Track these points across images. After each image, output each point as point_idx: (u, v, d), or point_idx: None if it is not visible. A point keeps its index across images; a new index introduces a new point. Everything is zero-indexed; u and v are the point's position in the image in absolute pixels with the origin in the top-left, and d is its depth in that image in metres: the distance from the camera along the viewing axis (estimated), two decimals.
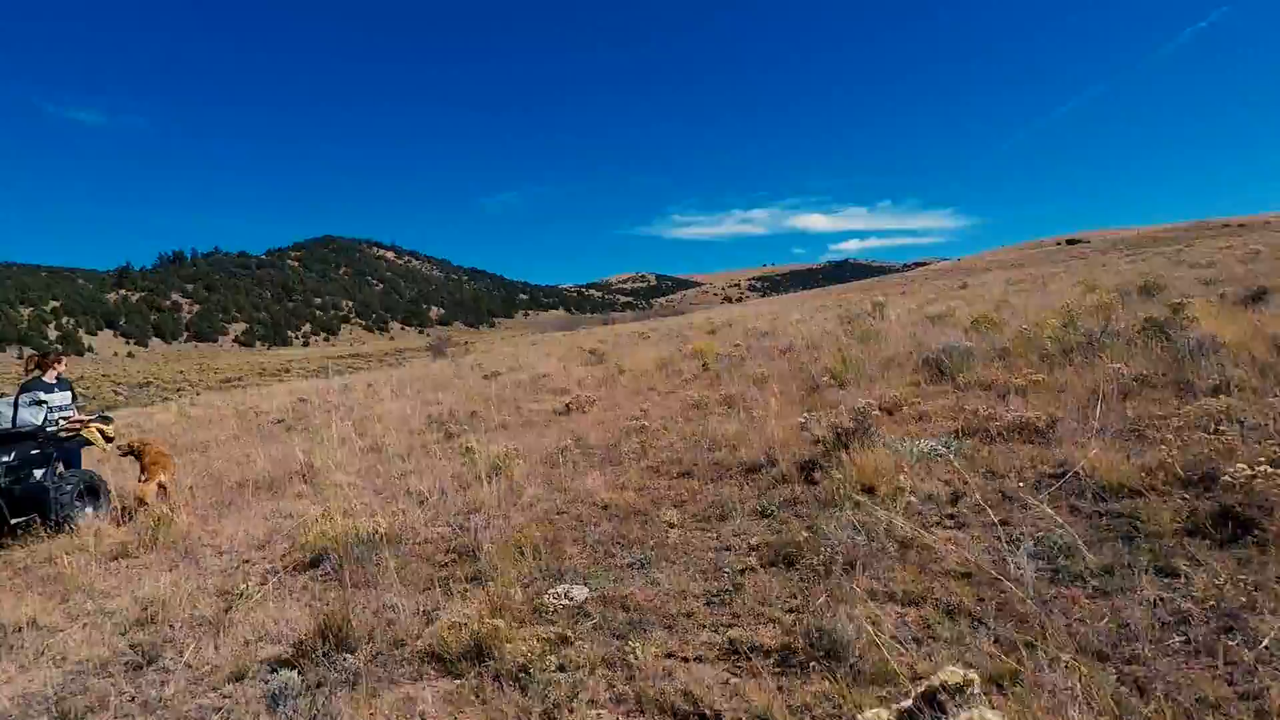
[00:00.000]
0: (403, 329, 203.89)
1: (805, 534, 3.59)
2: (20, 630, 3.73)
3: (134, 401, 40.44)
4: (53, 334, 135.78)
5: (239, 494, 6.65)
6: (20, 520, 5.49)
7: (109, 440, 6.35)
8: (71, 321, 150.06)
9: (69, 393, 6.70)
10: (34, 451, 5.76)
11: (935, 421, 5.89)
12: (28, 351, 6.71)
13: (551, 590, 3.24)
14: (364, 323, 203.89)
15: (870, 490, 4.12)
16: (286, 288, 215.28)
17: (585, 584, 3.36)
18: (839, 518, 3.64)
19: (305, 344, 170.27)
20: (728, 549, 3.72)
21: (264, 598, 3.67)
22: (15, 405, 5.94)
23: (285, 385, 31.60)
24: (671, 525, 4.17)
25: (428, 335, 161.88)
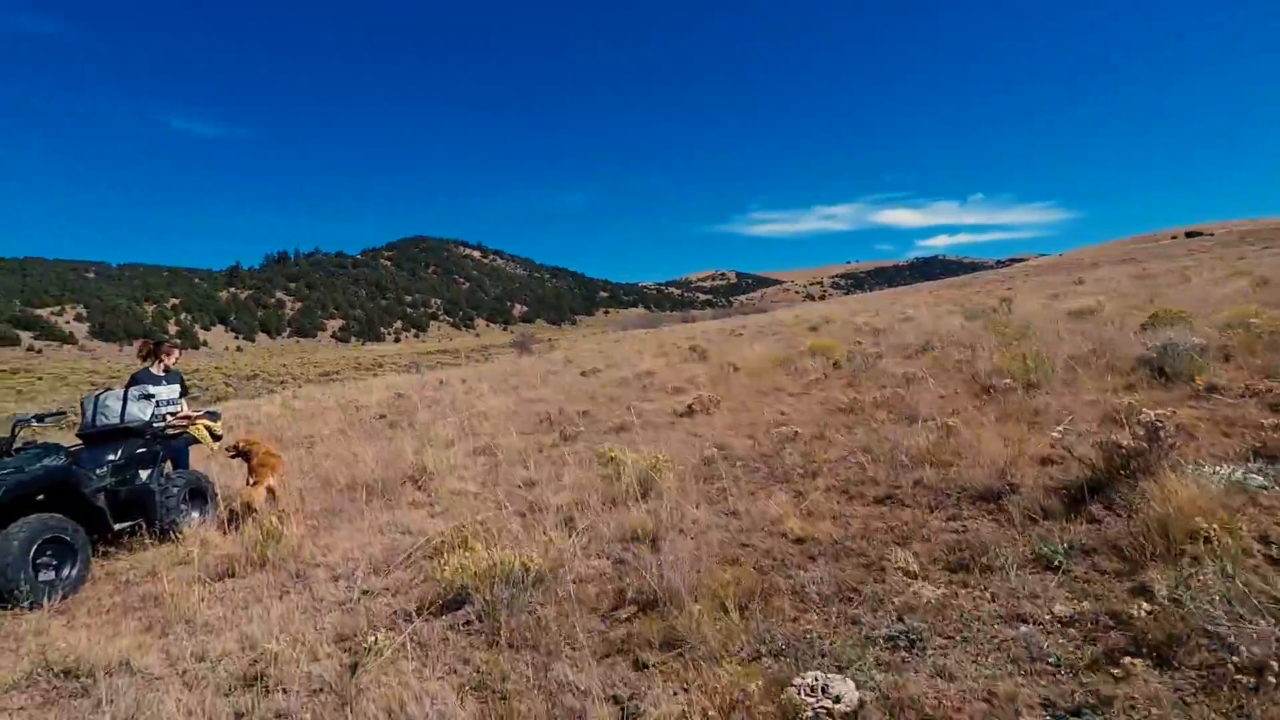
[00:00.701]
0: (488, 326, 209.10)
1: (1145, 605, 2.47)
2: (111, 674, 3.05)
3: (241, 393, 42.32)
4: (172, 329, 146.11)
5: (349, 499, 6.00)
6: (125, 526, 4.99)
7: (217, 439, 5.83)
8: (189, 317, 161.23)
9: (178, 386, 6.25)
10: (140, 450, 5.28)
11: (1204, 438, 4.58)
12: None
13: (800, 681, 2.24)
14: (451, 320, 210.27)
15: (1195, 537, 2.94)
16: (380, 286, 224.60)
17: (842, 671, 2.35)
18: (1192, 580, 2.51)
19: (396, 340, 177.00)
20: (1021, 618, 2.63)
21: (396, 655, 2.85)
22: (125, 399, 5.48)
23: (380, 380, 32.12)
24: (912, 575, 3.11)
25: (511, 332, 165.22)
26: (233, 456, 5.98)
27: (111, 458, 5.08)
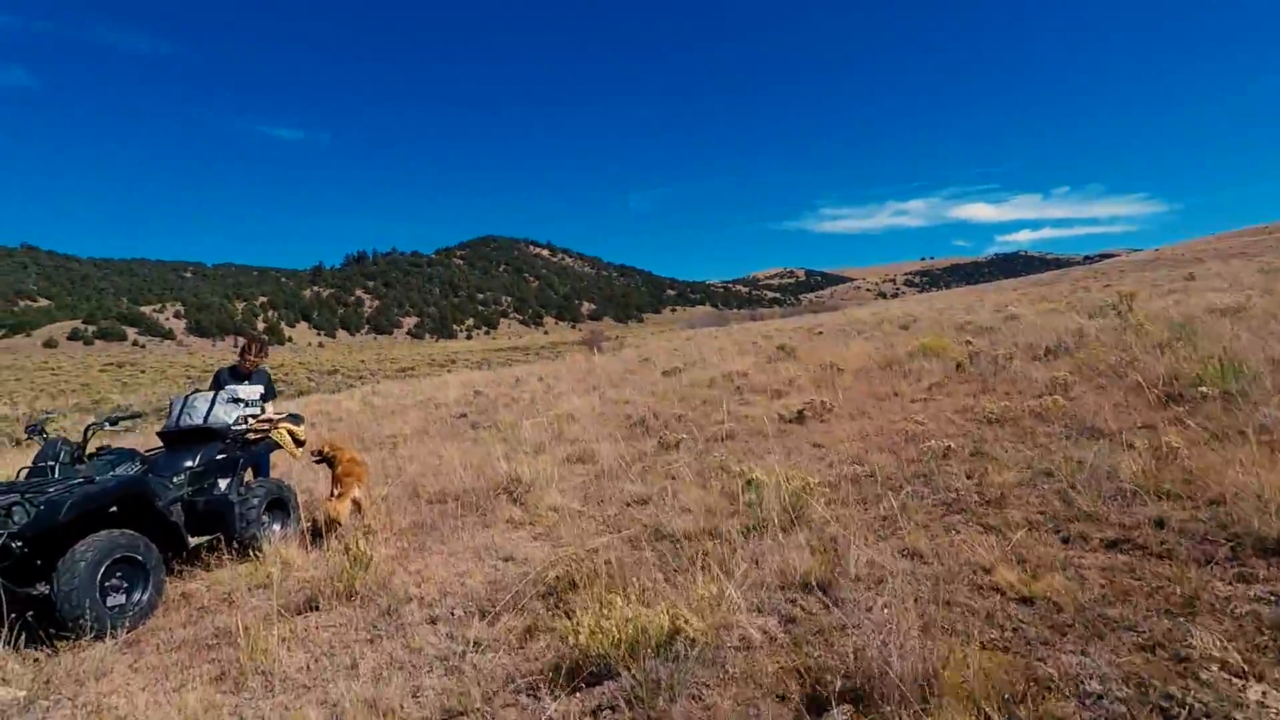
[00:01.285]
0: (556, 323, 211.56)
1: None
2: None
3: (322, 388, 43.52)
4: (260, 325, 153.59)
5: (439, 513, 5.40)
6: (201, 541, 4.51)
7: (300, 444, 5.33)
8: (275, 314, 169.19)
9: (261, 387, 5.81)
10: (220, 456, 4.81)
11: None
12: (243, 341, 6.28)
13: None
14: (521, 317, 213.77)
15: None
16: (452, 284, 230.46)
17: None
18: None
19: (468, 337, 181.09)
20: None
21: None
22: (213, 401, 5.04)
23: (457, 376, 32.26)
24: (1236, 671, 2.18)
25: (579, 330, 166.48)
26: (316, 462, 5.48)
27: (189, 464, 4.61)
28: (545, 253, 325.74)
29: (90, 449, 4.31)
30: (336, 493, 4.91)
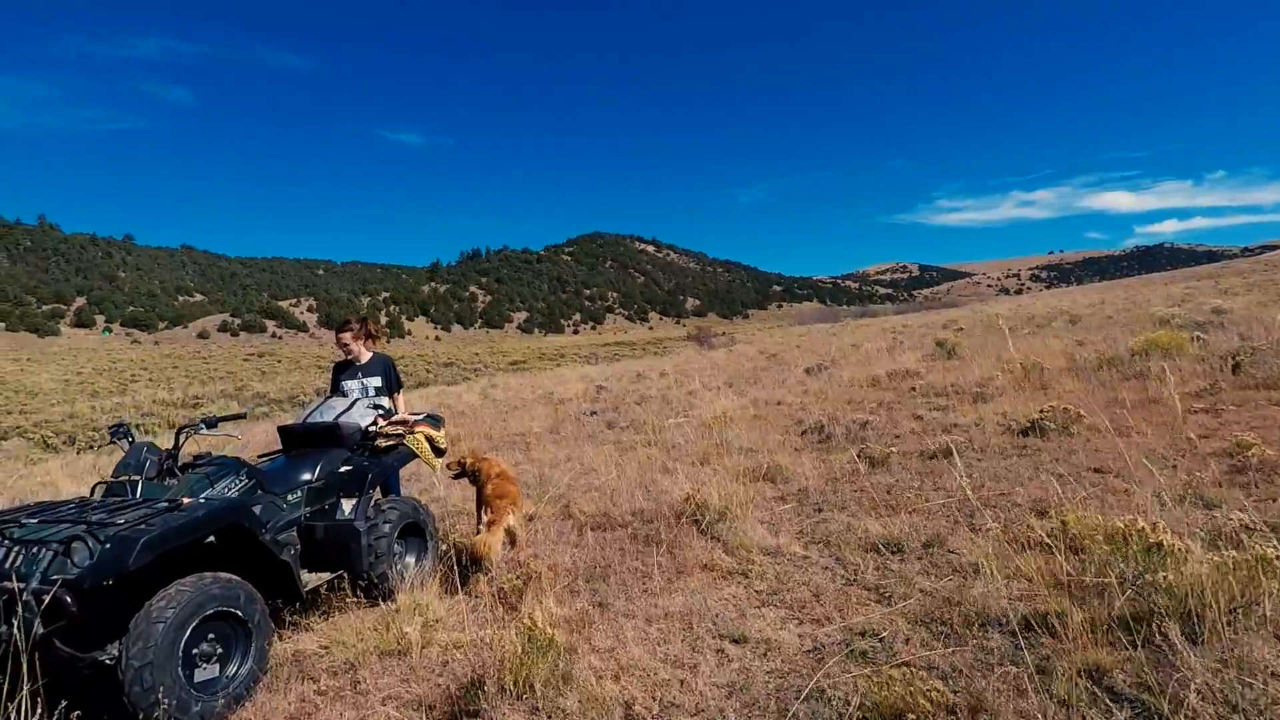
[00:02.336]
0: (660, 319, 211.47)
1: None
2: None
3: (440, 380, 44.43)
4: (383, 319, 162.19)
5: (609, 547, 4.15)
6: (318, 582, 3.44)
7: (439, 453, 4.22)
8: (396, 309, 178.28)
9: (379, 377, 4.73)
10: (345, 468, 3.76)
11: None
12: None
13: None
14: (626, 313, 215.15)
15: None
16: (561, 280, 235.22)
17: None
18: None
19: (575, 332, 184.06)
20: None
21: None
22: (352, 405, 3.99)
23: (571, 370, 31.71)
24: None
25: (684, 325, 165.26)
26: (455, 477, 4.36)
27: (308, 477, 3.56)
28: (650, 248, 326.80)
29: (185, 455, 3.35)
30: (486, 520, 3.73)
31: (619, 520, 4.64)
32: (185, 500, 2.74)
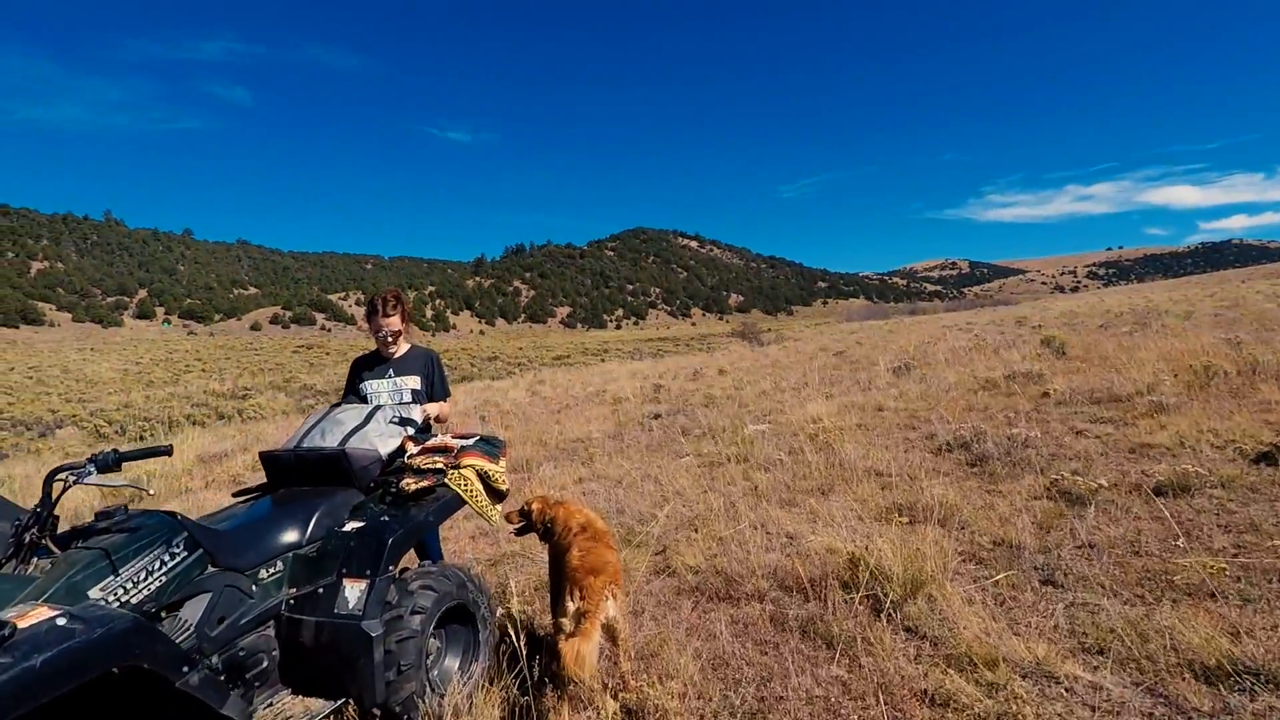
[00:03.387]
0: (703, 315, 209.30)
1: None
2: None
3: (484, 374, 43.65)
4: (429, 314, 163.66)
5: (754, 637, 2.78)
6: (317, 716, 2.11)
7: (499, 496, 2.84)
8: (442, 303, 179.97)
9: (418, 377, 3.42)
10: (351, 524, 2.43)
11: None
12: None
13: None
14: (669, 308, 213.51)
15: None
16: (603, 275, 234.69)
17: None
18: None
19: (618, 327, 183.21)
20: None
21: None
22: (370, 416, 2.80)
23: (619, 366, 30.40)
24: None
25: (727, 322, 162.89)
26: (520, 531, 2.96)
27: (293, 539, 2.29)
28: (693, 244, 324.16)
29: (71, 507, 2.06)
30: (573, 606, 2.34)
31: (748, 587, 3.24)
32: (32, 615, 1.43)
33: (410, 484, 2.49)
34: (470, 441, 2.83)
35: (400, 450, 2.68)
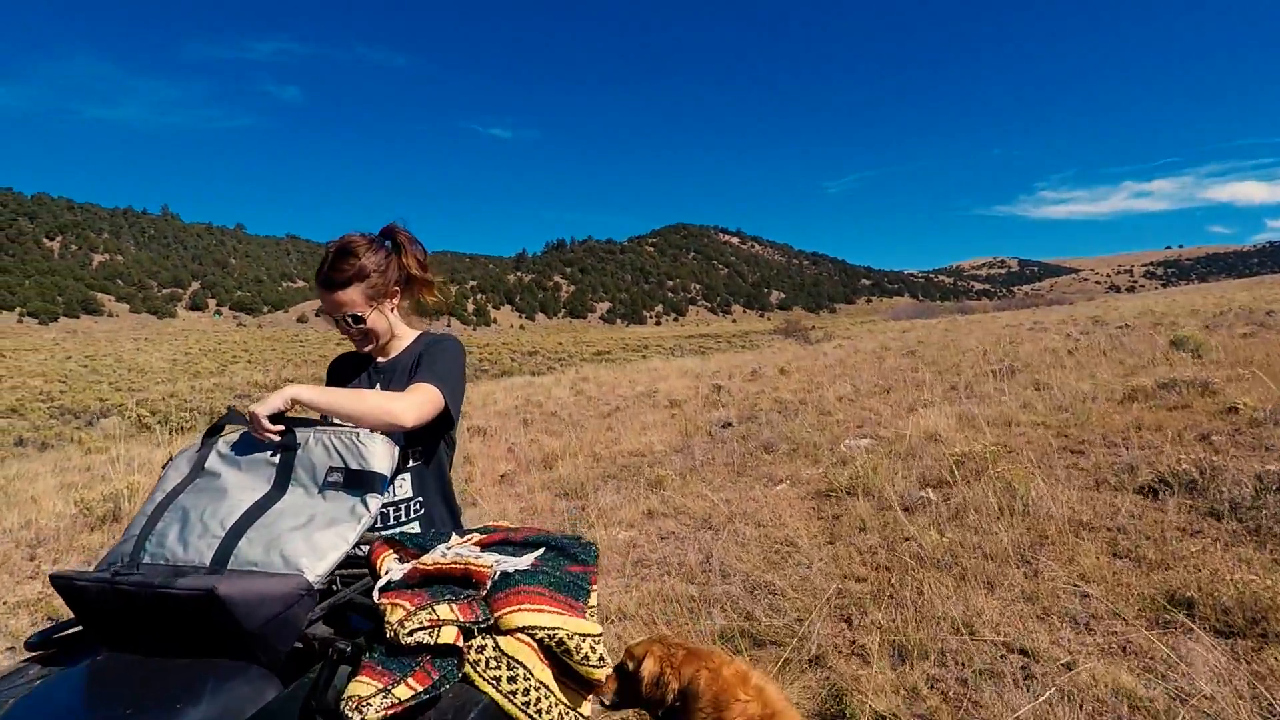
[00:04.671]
0: (744, 312, 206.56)
1: None
2: None
3: (524, 369, 42.66)
4: (470, 308, 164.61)
5: None
6: None
7: (589, 689, 1.21)
8: (483, 297, 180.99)
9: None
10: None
11: None
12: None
13: None
14: (709, 305, 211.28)
15: None
16: (643, 271, 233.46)
17: None
18: None
19: (657, 323, 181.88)
20: None
21: None
22: (269, 499, 1.22)
23: (665, 364, 28.95)
24: None
25: (768, 319, 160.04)
26: (614, 703, 1.34)
27: None
28: (735, 240, 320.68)
29: None
30: None
31: None
32: None
33: (406, 630, 0.95)
34: (523, 560, 1.20)
35: (358, 561, 1.17)
